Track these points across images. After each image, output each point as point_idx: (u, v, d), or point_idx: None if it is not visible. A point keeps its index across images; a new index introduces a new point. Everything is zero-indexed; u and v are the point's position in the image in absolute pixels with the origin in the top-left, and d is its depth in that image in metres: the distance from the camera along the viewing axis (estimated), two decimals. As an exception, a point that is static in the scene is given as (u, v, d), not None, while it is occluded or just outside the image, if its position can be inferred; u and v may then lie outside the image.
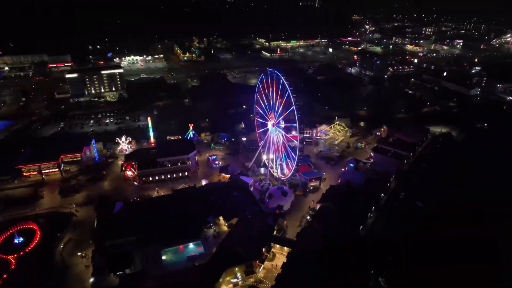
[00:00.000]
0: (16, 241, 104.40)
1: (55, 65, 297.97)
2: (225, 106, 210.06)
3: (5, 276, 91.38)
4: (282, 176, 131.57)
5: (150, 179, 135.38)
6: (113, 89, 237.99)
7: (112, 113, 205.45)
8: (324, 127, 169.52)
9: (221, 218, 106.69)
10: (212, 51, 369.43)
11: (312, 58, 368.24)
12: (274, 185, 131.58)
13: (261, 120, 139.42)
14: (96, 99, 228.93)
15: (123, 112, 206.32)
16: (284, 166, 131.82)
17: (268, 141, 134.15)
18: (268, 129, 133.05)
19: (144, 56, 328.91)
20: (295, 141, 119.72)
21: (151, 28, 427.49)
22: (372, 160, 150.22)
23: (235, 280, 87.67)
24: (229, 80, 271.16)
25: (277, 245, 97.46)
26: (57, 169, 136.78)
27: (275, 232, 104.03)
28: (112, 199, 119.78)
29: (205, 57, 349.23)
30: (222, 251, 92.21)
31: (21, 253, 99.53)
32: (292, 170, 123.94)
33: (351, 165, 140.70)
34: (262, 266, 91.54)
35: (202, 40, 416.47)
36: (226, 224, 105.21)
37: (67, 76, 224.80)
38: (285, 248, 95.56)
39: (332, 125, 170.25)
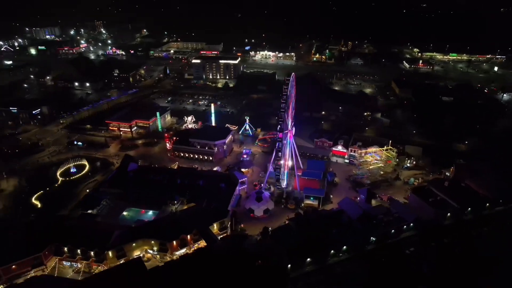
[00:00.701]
0: (72, 170, 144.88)
1: (205, 52, 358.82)
2: (303, 109, 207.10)
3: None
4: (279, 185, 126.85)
5: (182, 154, 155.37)
6: (227, 77, 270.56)
7: (210, 97, 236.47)
8: (374, 149, 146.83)
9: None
10: (344, 55, 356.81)
11: (464, 76, 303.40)
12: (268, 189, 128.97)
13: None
14: (209, 83, 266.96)
15: (216, 97, 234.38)
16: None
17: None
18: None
19: (277, 52, 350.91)
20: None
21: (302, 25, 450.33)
22: (407, 201, 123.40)
23: (150, 251, 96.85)
24: (329, 86, 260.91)
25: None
26: (129, 129, 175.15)
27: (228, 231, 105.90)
28: (144, 161, 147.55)
29: (335, 60, 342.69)
30: (155, 223, 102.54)
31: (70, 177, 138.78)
32: (285, 181, 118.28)
33: (362, 196, 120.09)
34: (180, 250, 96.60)
35: (347, 43, 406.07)
36: (186, 206, 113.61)
37: (192, 61, 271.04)
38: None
39: (383, 149, 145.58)
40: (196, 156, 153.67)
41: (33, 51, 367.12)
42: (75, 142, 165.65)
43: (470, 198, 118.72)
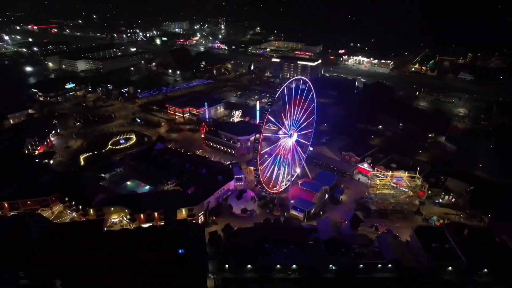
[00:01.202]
0: (121, 141, 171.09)
1: (299, 53, 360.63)
2: (358, 119, 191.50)
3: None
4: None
5: (211, 144, 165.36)
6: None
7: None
8: (401, 174, 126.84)
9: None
10: (450, 68, 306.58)
11: None
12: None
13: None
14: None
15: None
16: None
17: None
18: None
19: (371, 58, 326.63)
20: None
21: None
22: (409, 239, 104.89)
23: (125, 219, 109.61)
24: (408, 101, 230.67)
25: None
26: (181, 115, 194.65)
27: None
28: (176, 144, 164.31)
29: (438, 73, 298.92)
30: (138, 196, 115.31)
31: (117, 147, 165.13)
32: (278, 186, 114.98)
33: (346, 222, 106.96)
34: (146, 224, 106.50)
35: (466, 55, 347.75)
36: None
37: (272, 60, 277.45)
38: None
39: (404, 175, 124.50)
40: (222, 148, 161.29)
41: (158, 41, 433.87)
42: (136, 119, 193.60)
43: (493, 256, 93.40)
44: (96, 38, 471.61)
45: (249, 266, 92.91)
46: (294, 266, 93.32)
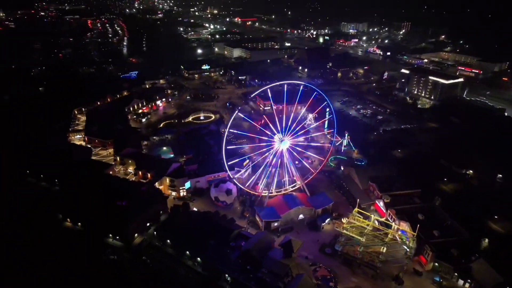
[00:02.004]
0: (201, 117, 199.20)
1: (463, 68, 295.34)
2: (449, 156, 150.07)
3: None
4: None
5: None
6: (432, 97, 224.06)
7: (388, 112, 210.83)
8: (395, 226, 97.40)
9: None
10: None
11: None
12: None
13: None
14: (408, 100, 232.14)
15: (396, 115, 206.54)
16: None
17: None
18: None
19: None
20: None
21: None
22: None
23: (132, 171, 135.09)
24: None
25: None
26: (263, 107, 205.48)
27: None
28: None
29: None
30: (152, 158, 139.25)
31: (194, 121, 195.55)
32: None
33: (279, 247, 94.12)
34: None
35: None
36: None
37: (401, 70, 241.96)
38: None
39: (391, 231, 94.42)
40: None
41: (320, 40, 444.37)
42: (227, 103, 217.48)
43: None
44: (272, 32, 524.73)
45: (168, 241, 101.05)
46: (199, 259, 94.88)
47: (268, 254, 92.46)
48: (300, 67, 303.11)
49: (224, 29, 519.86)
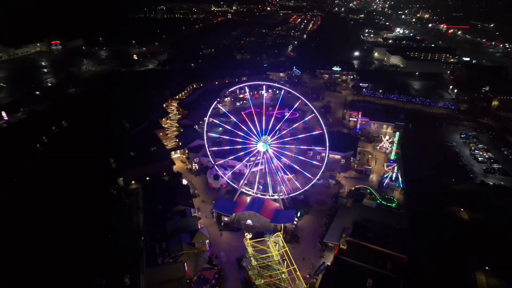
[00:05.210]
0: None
1: None
2: None
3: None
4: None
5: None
6: None
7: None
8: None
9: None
10: None
11: None
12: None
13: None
14: None
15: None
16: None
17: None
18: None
19: None
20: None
21: None
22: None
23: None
24: None
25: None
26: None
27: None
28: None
29: None
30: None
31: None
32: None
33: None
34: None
35: None
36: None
37: None
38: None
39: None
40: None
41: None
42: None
43: None
44: (470, 42, 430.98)
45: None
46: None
47: (180, 235, 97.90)
48: (451, 86, 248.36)
49: (411, 35, 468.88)
